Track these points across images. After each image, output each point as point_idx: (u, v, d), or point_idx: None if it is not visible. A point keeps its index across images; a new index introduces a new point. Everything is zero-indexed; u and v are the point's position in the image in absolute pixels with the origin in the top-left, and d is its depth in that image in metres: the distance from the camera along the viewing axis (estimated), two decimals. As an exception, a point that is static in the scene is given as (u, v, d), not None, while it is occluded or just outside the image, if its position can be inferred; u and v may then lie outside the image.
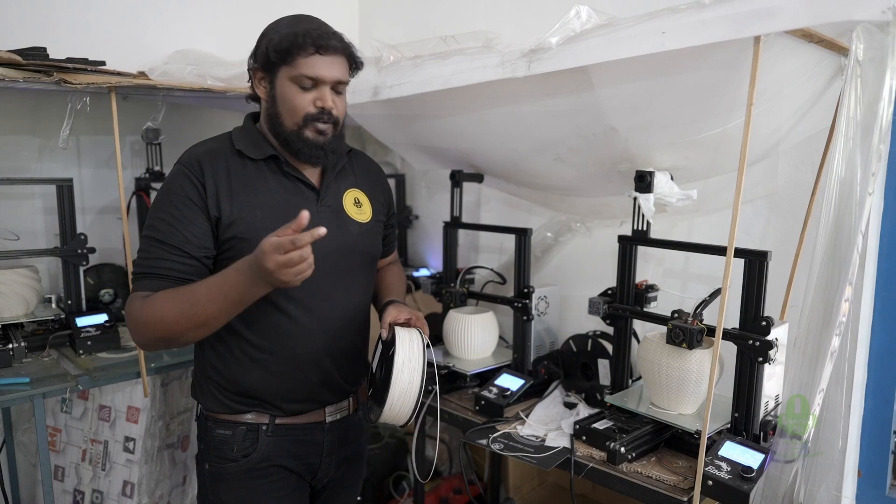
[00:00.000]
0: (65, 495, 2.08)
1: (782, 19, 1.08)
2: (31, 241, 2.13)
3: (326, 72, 1.30)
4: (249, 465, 1.36)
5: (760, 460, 1.33)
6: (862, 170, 1.20)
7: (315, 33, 1.28)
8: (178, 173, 1.30)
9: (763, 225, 1.81)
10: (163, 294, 1.22)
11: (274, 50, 1.29)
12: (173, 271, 1.25)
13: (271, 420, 1.37)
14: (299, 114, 1.31)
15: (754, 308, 1.40)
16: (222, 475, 1.37)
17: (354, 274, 1.45)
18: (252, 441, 1.37)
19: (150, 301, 1.22)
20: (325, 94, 1.31)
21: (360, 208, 1.47)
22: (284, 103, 1.32)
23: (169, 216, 1.26)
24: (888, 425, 1.68)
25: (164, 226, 1.26)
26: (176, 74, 2.01)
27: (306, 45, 1.27)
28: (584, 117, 1.53)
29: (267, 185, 1.34)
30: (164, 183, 1.34)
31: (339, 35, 1.34)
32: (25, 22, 2.07)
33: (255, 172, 1.34)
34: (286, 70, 1.30)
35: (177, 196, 1.27)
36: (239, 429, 1.36)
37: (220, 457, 1.37)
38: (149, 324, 1.21)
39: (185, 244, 1.26)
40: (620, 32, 1.26)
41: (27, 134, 2.16)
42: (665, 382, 1.50)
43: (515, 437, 1.66)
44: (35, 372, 1.74)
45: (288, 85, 1.31)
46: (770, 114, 1.42)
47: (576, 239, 2.26)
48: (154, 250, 1.26)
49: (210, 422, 1.39)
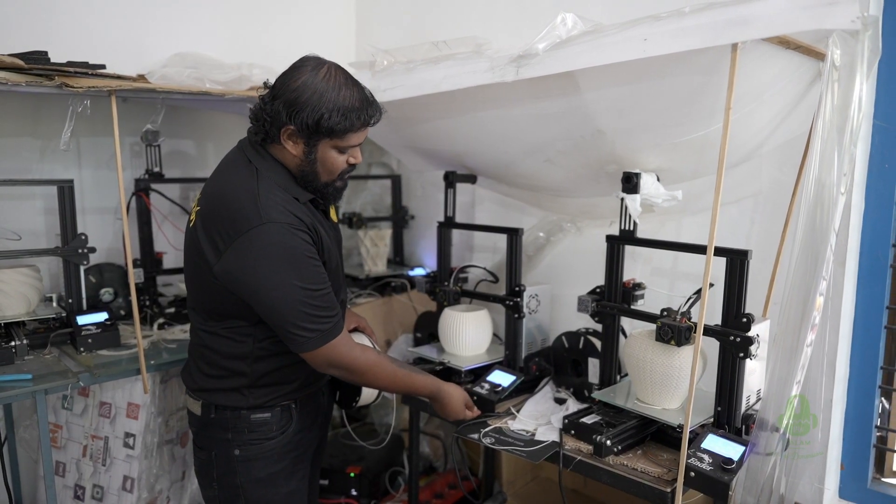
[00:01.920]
0: (66, 490, 2.12)
1: (758, 27, 1.13)
2: (32, 241, 2.16)
3: (364, 137, 1.43)
4: (287, 438, 1.52)
5: (741, 452, 1.37)
6: (836, 171, 1.24)
7: (368, 112, 1.37)
8: (291, 234, 1.33)
9: (748, 225, 1.85)
10: (398, 371, 1.53)
11: (326, 127, 1.33)
12: (339, 314, 1.45)
13: (296, 400, 1.54)
14: (336, 172, 1.43)
15: (736, 305, 1.44)
16: (259, 455, 1.49)
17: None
18: (287, 418, 1.52)
19: (380, 364, 1.48)
20: (357, 152, 1.44)
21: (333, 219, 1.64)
22: (325, 165, 1.41)
23: (317, 274, 1.37)
24: (870, 419, 1.72)
25: (321, 280, 1.38)
26: (175, 78, 2.04)
27: (361, 127, 1.38)
28: (571, 120, 1.57)
29: (323, 224, 1.48)
30: (269, 244, 1.32)
31: (377, 103, 1.42)
32: (27, 26, 2.11)
33: (312, 214, 1.45)
34: (332, 141, 1.38)
35: (309, 257, 1.36)
36: (276, 409, 1.51)
37: (258, 439, 1.49)
38: (377, 377, 1.49)
39: (332, 292, 1.43)
40: (604, 39, 1.31)
41: (29, 136, 2.20)
42: (650, 378, 1.54)
43: (506, 431, 1.70)
44: (37, 369, 1.78)
45: (330, 151, 1.39)
46: (752, 117, 1.46)
47: (567, 238, 2.31)
48: (326, 300, 1.38)
49: (243, 410, 1.49)
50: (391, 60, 1.77)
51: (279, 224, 1.32)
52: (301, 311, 1.34)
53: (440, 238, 2.18)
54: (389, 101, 1.77)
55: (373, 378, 1.49)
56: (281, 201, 1.36)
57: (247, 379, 1.47)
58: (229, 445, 1.49)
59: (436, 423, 2.67)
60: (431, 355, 2.06)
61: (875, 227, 1.66)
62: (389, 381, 1.51)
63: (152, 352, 1.98)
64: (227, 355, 1.46)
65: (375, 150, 2.95)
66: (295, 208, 1.38)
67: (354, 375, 1.46)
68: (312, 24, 2.88)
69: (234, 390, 1.48)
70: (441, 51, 1.66)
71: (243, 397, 1.48)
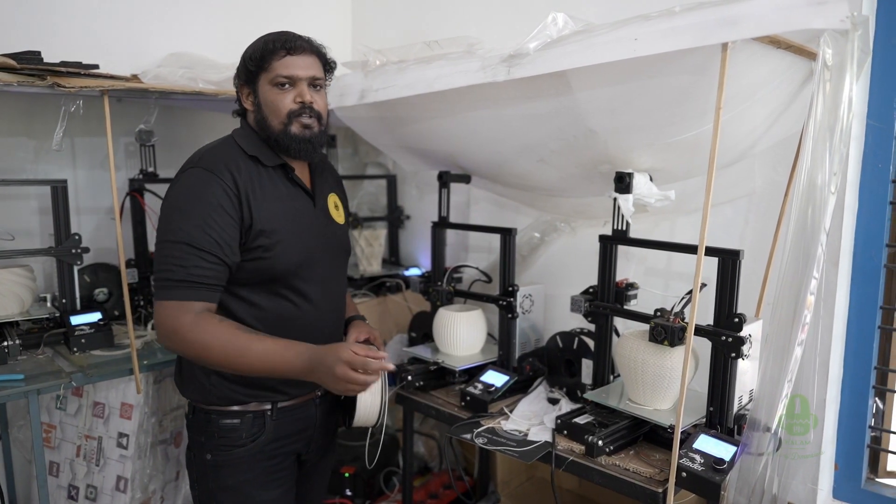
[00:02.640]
0: (60, 490, 2.12)
1: (747, 27, 1.13)
2: (26, 241, 2.16)
3: (300, 69, 1.41)
4: (257, 448, 1.45)
5: (733, 452, 1.37)
6: (827, 171, 1.24)
7: (283, 37, 1.41)
8: (207, 180, 1.33)
9: (742, 224, 1.85)
10: (218, 327, 1.28)
11: (249, 59, 1.42)
12: (209, 279, 1.31)
13: (274, 405, 1.46)
14: (283, 112, 1.41)
15: (728, 305, 1.44)
16: (227, 462, 1.44)
17: (340, 270, 1.62)
18: (259, 426, 1.45)
19: (203, 327, 1.27)
20: (303, 90, 1.42)
21: (338, 211, 1.61)
22: (268, 105, 1.42)
23: (204, 223, 1.30)
24: (864, 419, 1.72)
25: (199, 232, 1.29)
26: (168, 78, 2.05)
27: (277, 49, 1.40)
28: (563, 120, 1.57)
29: (279, 193, 1.43)
30: (185, 187, 1.35)
31: (307, 38, 1.46)
32: (20, 26, 2.11)
33: (270, 180, 1.43)
34: (264, 76, 1.42)
35: (210, 203, 1.31)
36: (246, 416, 1.44)
37: (227, 445, 1.44)
38: (192, 344, 1.28)
39: (219, 250, 1.31)
40: (595, 39, 1.30)
41: (22, 136, 2.20)
42: (641, 379, 1.54)
43: (499, 431, 1.70)
44: (30, 369, 1.78)
45: (268, 89, 1.42)
46: (744, 117, 1.46)
47: (561, 238, 2.31)
48: (189, 258, 1.29)
49: (213, 414, 1.44)
50: (384, 60, 1.77)
51: (201, 170, 1.35)
52: (164, 255, 1.31)
53: (434, 238, 2.18)
54: (382, 100, 1.77)
55: (198, 342, 1.27)
56: (224, 154, 1.39)
57: (223, 372, 1.41)
58: (203, 449, 1.47)
59: (430, 423, 2.66)
60: (426, 355, 2.06)
61: (868, 227, 1.66)
62: (222, 354, 1.27)
63: (146, 352, 1.98)
64: None
65: (371, 151, 2.94)
66: (235, 163, 1.38)
67: (177, 346, 1.30)
68: (309, 24, 2.86)
69: (195, 380, 1.44)
70: (433, 50, 1.66)
71: (204, 389, 1.43)
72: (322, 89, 1.49)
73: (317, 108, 1.44)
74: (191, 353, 1.31)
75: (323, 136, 1.48)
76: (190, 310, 1.29)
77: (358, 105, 1.86)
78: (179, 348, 1.32)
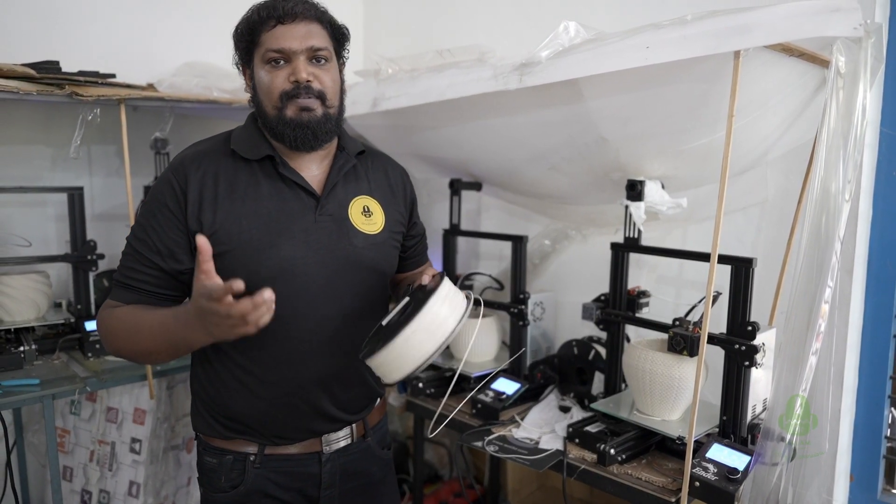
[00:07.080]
0: (73, 495, 2.14)
1: (760, 35, 1.13)
2: (42, 248, 2.19)
3: (295, 41, 1.16)
4: (237, 497, 1.24)
5: (746, 462, 1.36)
6: (841, 178, 1.24)
7: (272, 4, 1.17)
8: (163, 179, 1.21)
9: (754, 233, 1.84)
10: (122, 312, 1.17)
11: (239, 36, 1.21)
12: (144, 283, 1.18)
13: (260, 449, 1.25)
14: (275, 93, 1.17)
15: (741, 314, 1.43)
16: (208, 501, 1.29)
17: (356, 292, 1.26)
18: (239, 472, 1.24)
19: (110, 315, 1.17)
20: (298, 65, 1.16)
21: (369, 218, 1.29)
22: (261, 87, 1.20)
23: (147, 224, 1.19)
24: (880, 429, 1.70)
25: (141, 233, 1.19)
26: (183, 86, 2.07)
27: (266, 19, 1.17)
28: (575, 128, 1.57)
29: (258, 192, 1.20)
30: (153, 186, 1.25)
31: (304, 1, 1.20)
32: (40, 37, 2.15)
33: (248, 177, 1.21)
34: (257, 53, 1.19)
35: (156, 203, 1.19)
36: (226, 458, 1.25)
37: (210, 485, 1.28)
38: (105, 337, 1.19)
39: (156, 256, 1.17)
40: (607, 47, 1.31)
41: (40, 144, 2.23)
42: (649, 389, 1.53)
43: (510, 439, 1.69)
44: (45, 374, 1.80)
45: (261, 67, 1.19)
46: (757, 124, 1.46)
47: (572, 246, 2.30)
48: (128, 259, 1.20)
49: (201, 446, 1.30)
50: (396, 69, 1.78)
51: (168, 168, 1.22)
52: (122, 255, 1.22)
53: (445, 245, 2.19)
54: (394, 108, 1.79)
55: (105, 332, 1.19)
56: (199, 150, 1.23)
57: (207, 399, 1.27)
58: (199, 481, 1.34)
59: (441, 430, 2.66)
60: (439, 361, 2.06)
61: (883, 235, 1.65)
62: (123, 337, 1.16)
63: (159, 358, 1.99)
64: (193, 361, 1.32)
65: (382, 158, 2.96)
66: (205, 159, 1.20)
67: (105, 344, 1.21)
68: (320, 33, 2.91)
69: (198, 413, 1.30)
70: (445, 59, 1.67)
71: (199, 415, 1.29)
72: (328, 62, 1.20)
73: (317, 86, 1.17)
74: (110, 348, 1.20)
75: (330, 121, 1.21)
76: (112, 306, 1.20)
77: (370, 113, 1.88)
78: (107, 347, 1.20)
